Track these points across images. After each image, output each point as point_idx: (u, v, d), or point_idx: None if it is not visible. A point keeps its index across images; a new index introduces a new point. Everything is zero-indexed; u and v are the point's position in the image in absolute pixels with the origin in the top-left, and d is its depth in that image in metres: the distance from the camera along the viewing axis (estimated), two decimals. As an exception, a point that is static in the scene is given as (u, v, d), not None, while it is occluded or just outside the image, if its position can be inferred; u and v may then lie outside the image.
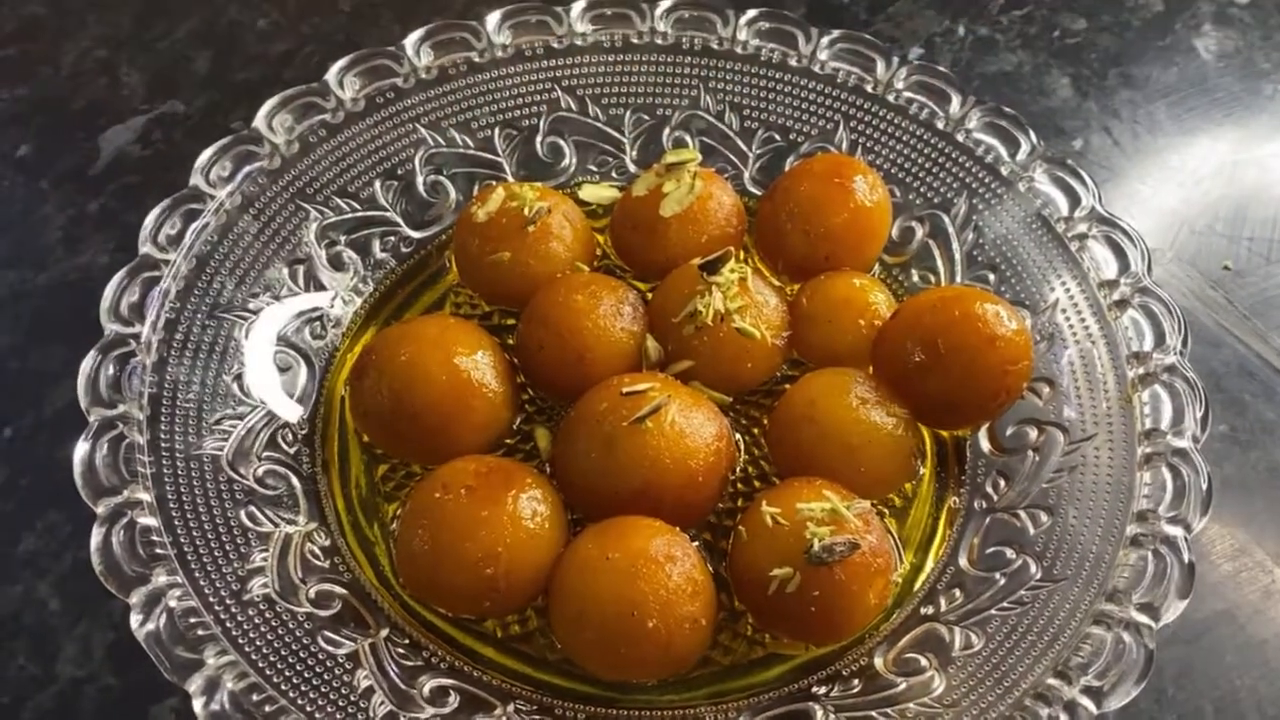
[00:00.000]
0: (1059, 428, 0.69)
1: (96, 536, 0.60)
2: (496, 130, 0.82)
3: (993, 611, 0.63)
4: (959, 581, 0.66)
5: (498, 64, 0.82)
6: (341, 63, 0.79)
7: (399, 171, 0.80)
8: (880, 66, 0.80)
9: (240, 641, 0.59)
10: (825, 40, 0.81)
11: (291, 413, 0.71)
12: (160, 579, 0.60)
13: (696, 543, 0.67)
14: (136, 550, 0.60)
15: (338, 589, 0.65)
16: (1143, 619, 0.59)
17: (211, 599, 0.60)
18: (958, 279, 0.76)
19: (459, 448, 0.67)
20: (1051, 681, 0.58)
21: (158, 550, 0.61)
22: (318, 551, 0.66)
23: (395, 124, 0.80)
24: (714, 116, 0.83)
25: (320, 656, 0.60)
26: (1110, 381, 0.69)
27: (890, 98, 0.80)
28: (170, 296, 0.70)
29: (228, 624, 0.60)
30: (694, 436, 0.65)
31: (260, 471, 0.68)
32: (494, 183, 0.80)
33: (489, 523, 0.61)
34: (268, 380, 0.71)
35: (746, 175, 0.82)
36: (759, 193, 0.81)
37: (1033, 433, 0.70)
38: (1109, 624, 0.60)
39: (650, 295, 0.74)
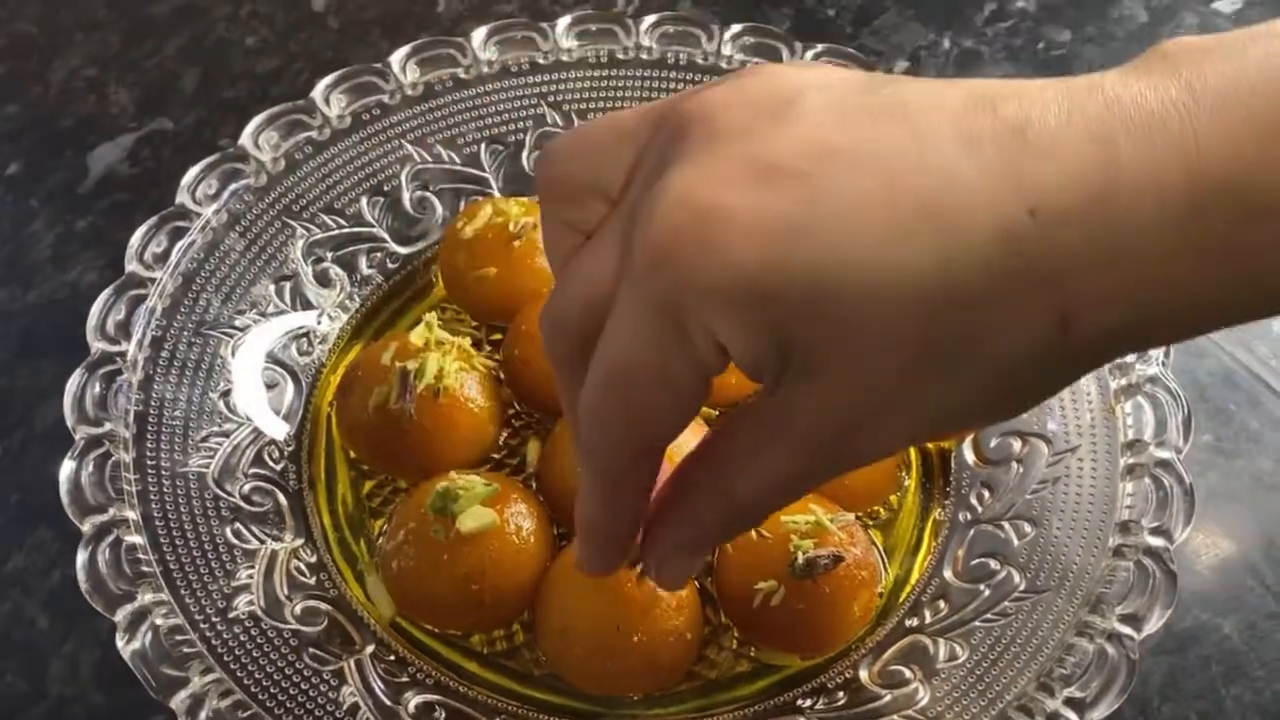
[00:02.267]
0: (1042, 439, 0.69)
1: (82, 555, 0.60)
2: (483, 146, 0.82)
3: (977, 623, 0.63)
4: (943, 593, 0.66)
5: (484, 80, 0.82)
6: (328, 80, 0.80)
7: (385, 188, 0.80)
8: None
9: (226, 659, 0.59)
10: (809, 55, 0.81)
11: (278, 430, 0.71)
12: (146, 597, 0.60)
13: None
14: (122, 568, 0.60)
15: (323, 606, 0.65)
16: (1125, 630, 0.59)
17: (197, 617, 0.60)
18: (942, 291, 0.76)
19: (445, 463, 0.67)
20: (1035, 693, 0.59)
21: (143, 568, 0.61)
22: (303, 568, 0.66)
23: (381, 140, 0.80)
24: (699, 131, 0.83)
25: (306, 674, 0.60)
26: (1093, 392, 0.69)
27: (874, 111, 0.80)
28: (157, 314, 0.70)
29: (213, 642, 0.60)
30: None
31: (246, 488, 0.68)
32: (480, 198, 0.80)
33: (474, 537, 0.61)
34: (254, 397, 0.71)
35: (732, 189, 0.82)
36: (745, 206, 0.81)
37: (1016, 444, 0.70)
38: (1092, 635, 0.60)
39: (636, 309, 0.75)
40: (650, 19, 0.83)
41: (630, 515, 0.45)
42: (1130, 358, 0.69)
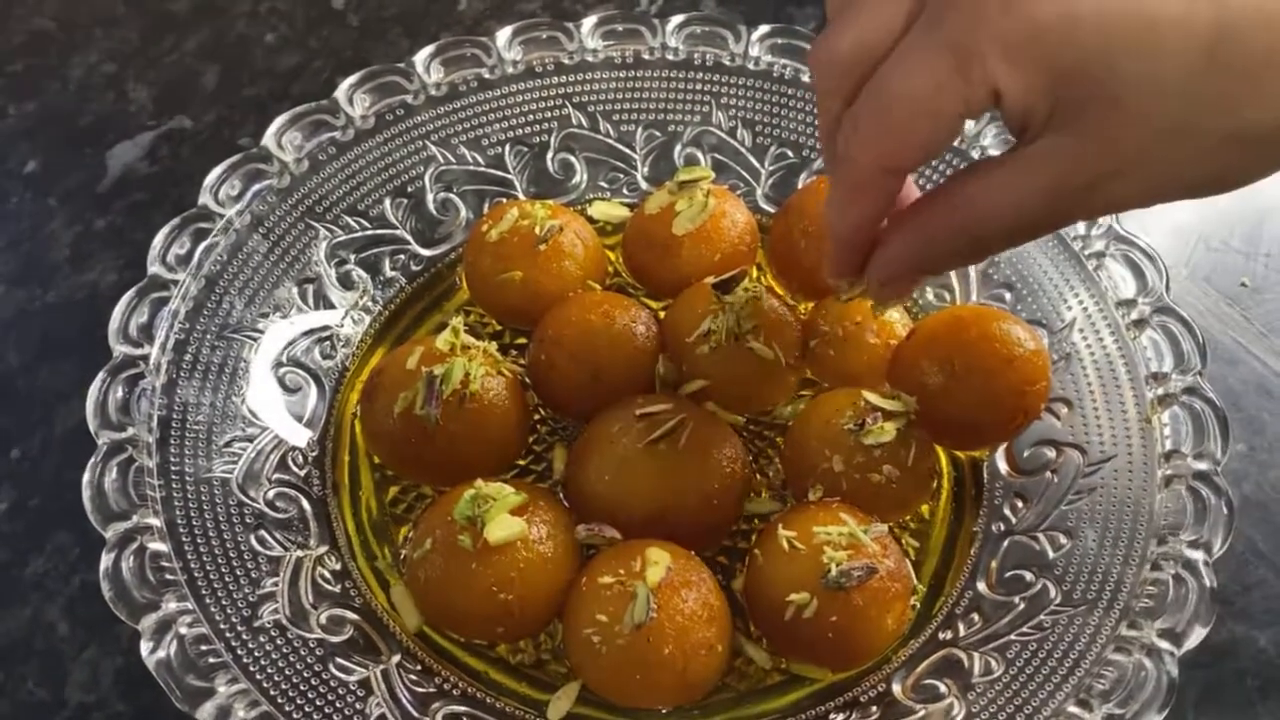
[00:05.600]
0: (1077, 449, 0.68)
1: (106, 562, 0.59)
2: (507, 147, 0.81)
3: (1012, 637, 0.62)
4: (977, 606, 0.65)
5: (508, 80, 0.81)
6: (351, 79, 0.79)
7: (409, 189, 0.79)
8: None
9: (251, 669, 0.58)
10: (839, 56, 0.80)
11: (299, 436, 0.70)
12: (170, 605, 0.59)
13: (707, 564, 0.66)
14: (147, 576, 0.60)
15: (349, 614, 0.64)
16: (1165, 645, 0.59)
17: (222, 626, 0.60)
18: (973, 297, 0.75)
19: (471, 470, 0.66)
20: (1073, 709, 0.58)
21: (168, 576, 0.60)
22: (328, 576, 0.65)
23: (405, 141, 0.79)
24: (726, 133, 0.82)
25: (332, 684, 0.60)
26: (1129, 402, 0.68)
27: (904, 114, 0.79)
28: (179, 317, 0.70)
29: (239, 651, 0.59)
30: (709, 458, 0.64)
31: (270, 494, 0.67)
32: (505, 200, 0.80)
33: (502, 547, 0.61)
34: (275, 402, 0.71)
35: (759, 192, 0.82)
36: (772, 210, 0.81)
37: (1051, 454, 0.69)
38: (1130, 650, 0.59)
39: (663, 314, 0.74)
40: (676, 19, 0.82)
41: (867, 225, 0.51)
42: (1167, 367, 0.68)
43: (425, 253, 0.79)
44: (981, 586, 0.66)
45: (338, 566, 0.66)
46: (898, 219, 0.51)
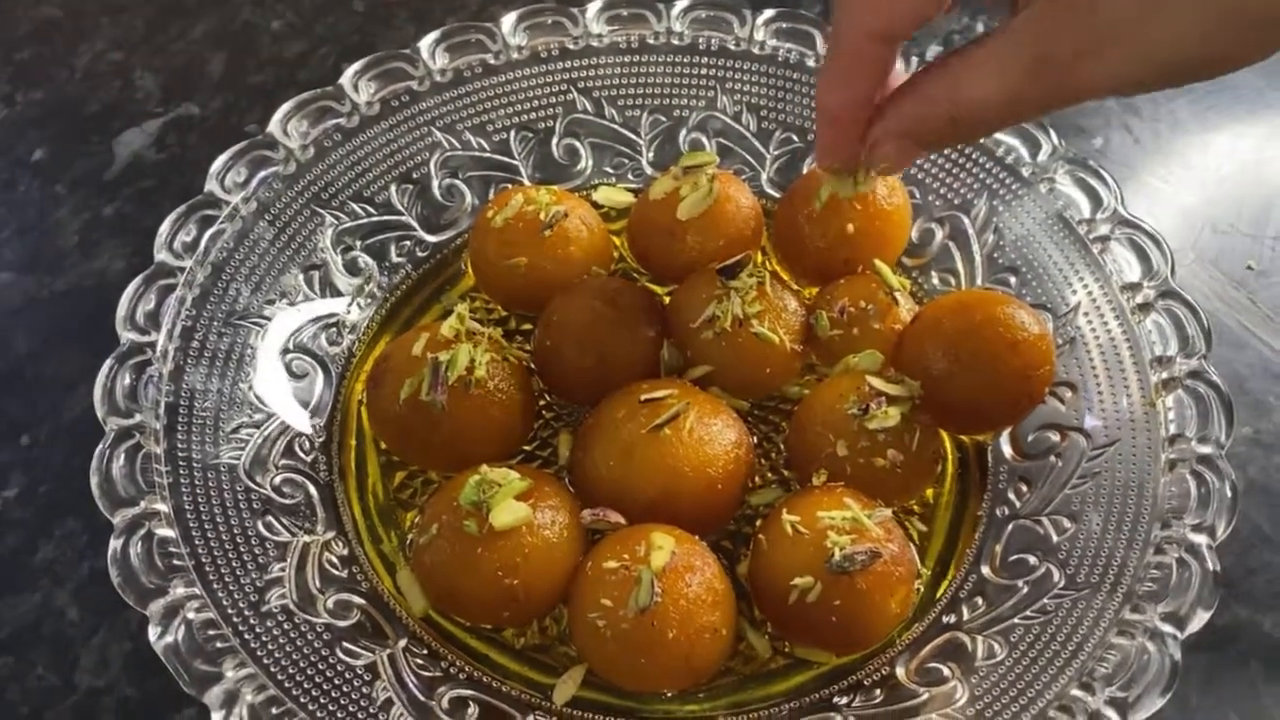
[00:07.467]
0: (1082, 433, 0.68)
1: (114, 548, 0.60)
2: (512, 133, 0.82)
3: (1016, 620, 0.62)
4: (981, 589, 0.65)
5: (513, 66, 0.81)
6: (356, 66, 0.79)
7: (414, 175, 0.79)
8: (898, 66, 0.79)
9: (259, 654, 0.59)
10: (843, 40, 0.80)
11: (305, 423, 0.71)
12: (178, 591, 0.60)
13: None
14: (154, 562, 0.60)
15: (356, 599, 0.64)
16: (1167, 629, 0.59)
17: (230, 611, 0.60)
18: (978, 281, 0.76)
19: (476, 455, 0.66)
20: (1075, 692, 0.58)
21: (175, 561, 0.61)
22: (335, 561, 0.66)
23: (410, 127, 0.80)
24: (731, 117, 0.82)
25: (339, 668, 0.60)
26: (1134, 386, 0.68)
27: (909, 98, 0.79)
28: (186, 304, 0.70)
29: (246, 636, 0.59)
30: (713, 444, 0.64)
31: (277, 480, 0.68)
32: (510, 186, 0.80)
33: (508, 531, 0.61)
34: (282, 388, 0.71)
35: (764, 177, 0.82)
36: (776, 194, 0.81)
37: (1055, 438, 0.69)
38: (1133, 633, 0.59)
39: (667, 299, 0.74)
40: (681, 4, 0.82)
41: (860, 100, 0.53)
42: (1172, 351, 0.68)
43: (431, 239, 0.79)
44: (985, 570, 0.66)
45: (344, 552, 0.66)
46: (889, 99, 0.53)
